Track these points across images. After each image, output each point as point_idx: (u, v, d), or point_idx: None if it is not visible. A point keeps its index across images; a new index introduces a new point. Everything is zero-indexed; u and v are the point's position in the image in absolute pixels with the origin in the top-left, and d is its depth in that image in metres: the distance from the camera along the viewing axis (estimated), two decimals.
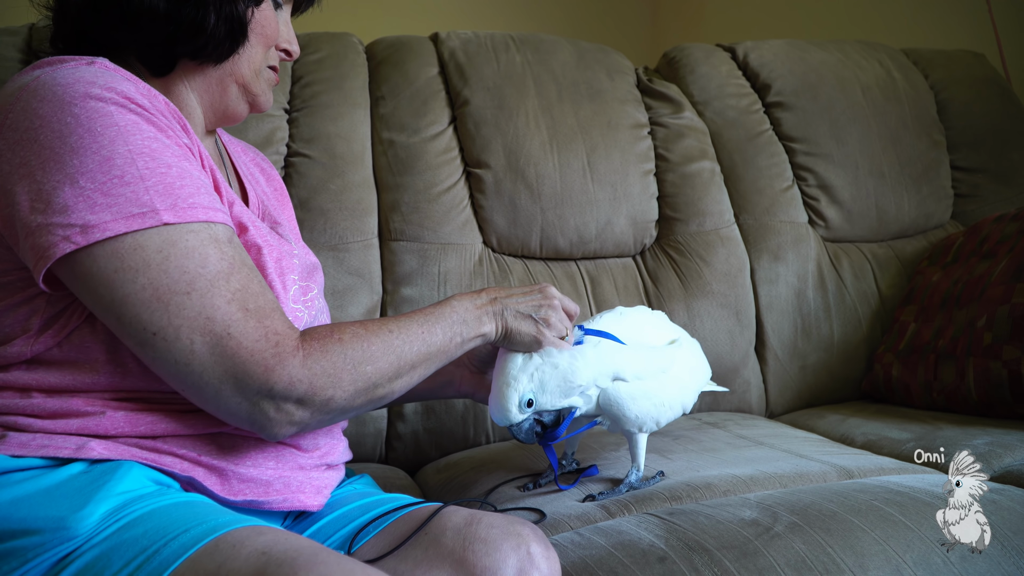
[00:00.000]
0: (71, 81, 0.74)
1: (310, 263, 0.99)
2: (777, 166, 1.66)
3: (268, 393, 0.73)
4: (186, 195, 0.74)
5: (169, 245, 0.72)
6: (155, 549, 0.66)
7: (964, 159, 1.80)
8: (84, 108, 0.73)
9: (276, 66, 0.95)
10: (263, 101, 0.94)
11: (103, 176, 0.71)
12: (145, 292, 0.71)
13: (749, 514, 0.90)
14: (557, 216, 1.50)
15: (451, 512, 0.81)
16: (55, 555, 0.67)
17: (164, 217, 0.72)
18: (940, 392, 1.38)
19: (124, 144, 0.72)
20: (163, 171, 0.74)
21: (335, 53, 1.54)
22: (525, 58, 1.59)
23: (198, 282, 0.72)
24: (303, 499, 0.83)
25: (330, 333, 0.77)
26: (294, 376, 0.73)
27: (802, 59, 1.77)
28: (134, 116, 0.75)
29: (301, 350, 0.74)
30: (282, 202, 1.11)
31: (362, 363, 0.77)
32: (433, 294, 1.39)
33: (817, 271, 1.60)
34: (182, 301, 0.71)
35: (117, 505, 0.70)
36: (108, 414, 0.75)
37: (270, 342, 0.73)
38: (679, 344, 1.08)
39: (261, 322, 0.74)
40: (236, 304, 0.73)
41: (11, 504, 0.69)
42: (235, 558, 0.65)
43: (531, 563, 0.76)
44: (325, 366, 0.75)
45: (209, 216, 0.75)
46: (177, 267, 0.72)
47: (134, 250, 0.71)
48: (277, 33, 0.92)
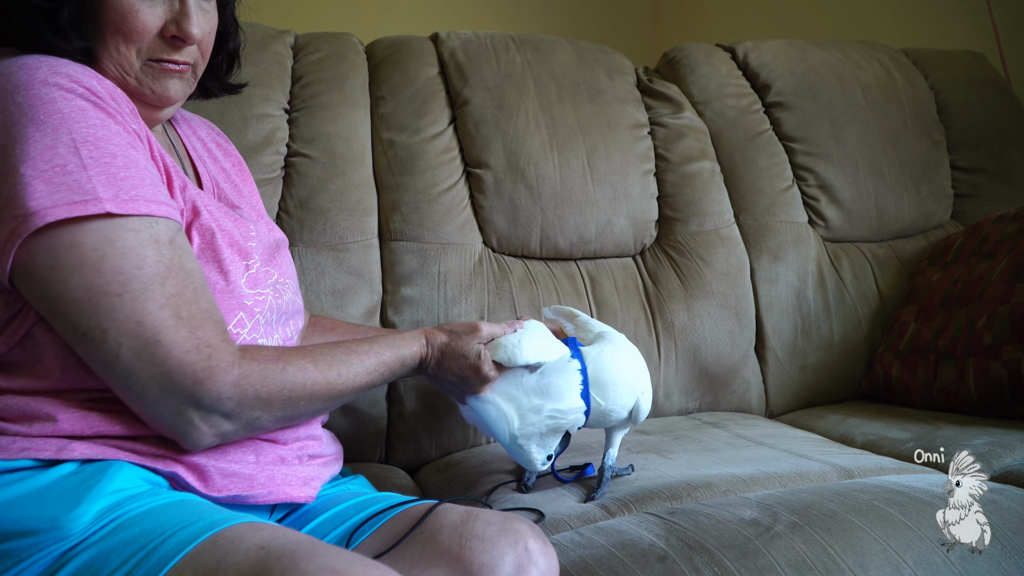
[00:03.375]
0: (13, 70, 0.73)
1: (273, 241, 0.96)
2: (777, 166, 1.66)
3: (194, 404, 0.72)
4: (129, 186, 0.72)
5: (107, 243, 0.70)
6: (153, 547, 0.66)
7: (964, 159, 1.80)
8: (28, 95, 0.71)
9: (173, 58, 0.83)
10: (153, 95, 0.84)
11: (44, 165, 0.69)
12: (77, 291, 0.70)
13: (749, 514, 0.90)
14: (557, 216, 1.50)
15: (447, 510, 0.81)
16: (50, 555, 0.67)
17: (107, 206, 0.70)
18: (940, 392, 1.38)
19: (67, 132, 0.71)
20: (107, 160, 0.72)
21: (335, 53, 1.54)
22: (525, 58, 1.59)
23: (131, 284, 0.70)
24: (289, 491, 0.83)
25: (275, 359, 0.77)
26: (223, 393, 0.73)
27: (802, 59, 1.77)
28: (81, 102, 0.73)
29: (237, 367, 0.74)
30: (242, 177, 1.06)
31: (298, 398, 0.78)
32: (433, 294, 1.39)
33: (817, 271, 1.60)
34: (112, 303, 0.70)
35: (110, 504, 0.70)
36: (83, 414, 0.75)
37: (202, 354, 0.72)
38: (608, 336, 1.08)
39: (193, 332, 0.72)
40: (169, 310, 0.71)
41: (3, 505, 0.69)
42: (234, 553, 0.65)
43: (529, 559, 0.76)
44: (259, 391, 0.75)
45: (152, 210, 0.73)
46: (112, 267, 0.70)
47: (71, 247, 0.70)
48: (143, 23, 0.80)
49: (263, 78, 1.44)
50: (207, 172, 0.96)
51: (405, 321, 1.38)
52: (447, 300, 1.39)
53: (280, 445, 0.85)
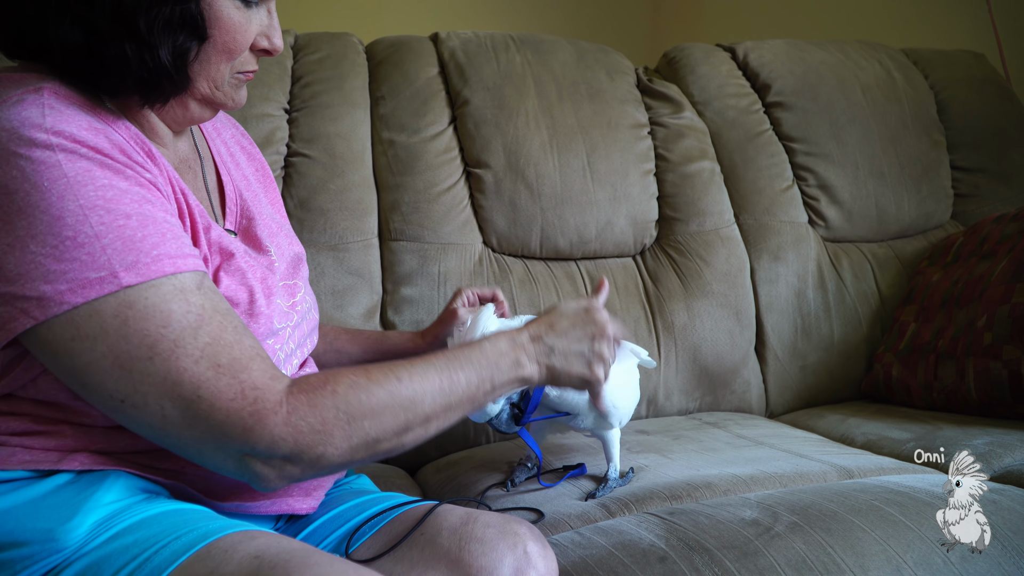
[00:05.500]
0: (15, 125, 0.67)
1: (293, 256, 0.93)
2: (777, 166, 1.66)
3: (251, 452, 0.68)
4: (148, 247, 0.68)
5: (126, 307, 0.66)
6: (146, 557, 0.65)
7: (964, 159, 1.80)
8: (29, 160, 0.66)
9: (254, 68, 0.82)
10: (233, 104, 0.82)
11: (54, 239, 0.65)
12: (106, 360, 0.66)
13: (749, 514, 0.90)
14: (557, 216, 1.50)
15: (447, 512, 0.81)
16: (43, 567, 0.66)
17: (124, 279, 0.66)
18: (940, 392, 1.38)
19: (74, 199, 0.66)
20: (120, 223, 0.67)
21: (335, 53, 1.54)
22: (525, 58, 1.59)
23: (160, 345, 0.66)
24: (291, 503, 0.82)
25: (323, 384, 0.70)
26: (276, 434, 0.67)
27: (802, 59, 1.77)
28: (85, 163, 0.68)
29: (285, 405, 0.68)
30: (265, 183, 1.01)
31: (359, 418, 0.70)
32: (433, 294, 1.39)
33: (817, 271, 1.60)
34: (145, 367, 0.66)
35: (106, 516, 0.69)
36: (86, 432, 0.73)
37: (247, 399, 0.67)
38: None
39: (236, 377, 0.67)
40: (206, 362, 0.67)
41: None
42: (228, 563, 0.65)
43: (528, 562, 0.75)
44: (312, 422, 0.68)
45: (177, 267, 0.69)
46: (136, 331, 0.66)
47: (90, 317, 0.66)
48: (247, 39, 0.78)
49: (263, 78, 1.44)
50: (230, 180, 0.91)
51: (405, 321, 1.38)
52: (447, 300, 1.39)
53: None
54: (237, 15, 0.76)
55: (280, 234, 0.93)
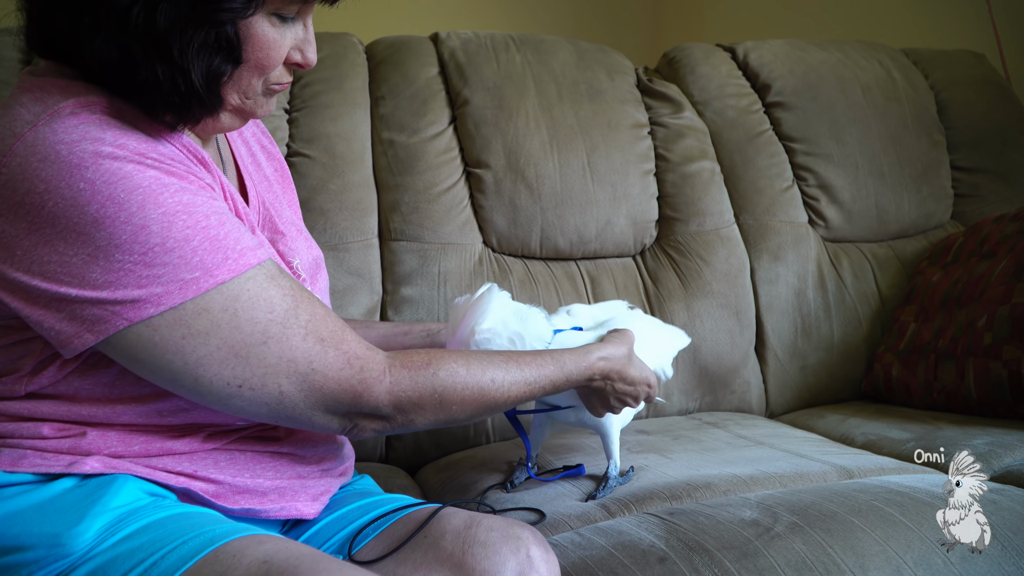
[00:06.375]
0: (76, 138, 0.67)
1: (312, 259, 0.95)
2: (777, 166, 1.66)
3: (357, 413, 0.76)
4: (232, 243, 0.71)
5: (232, 300, 0.70)
6: (153, 561, 0.65)
7: (964, 159, 1.79)
8: (98, 171, 0.66)
9: (286, 82, 0.81)
10: (263, 114, 0.83)
11: (141, 247, 0.67)
12: (221, 351, 0.70)
13: (749, 514, 0.90)
14: (557, 216, 1.50)
15: (450, 515, 0.81)
16: (50, 572, 0.66)
17: (219, 276, 0.70)
18: (940, 392, 1.38)
19: (155, 207, 0.68)
20: (203, 225, 0.70)
21: (335, 53, 1.54)
22: (525, 58, 1.59)
23: (271, 329, 0.72)
24: (299, 507, 0.82)
25: (426, 364, 0.78)
26: (380, 401, 0.76)
27: (802, 59, 1.77)
28: (154, 172, 0.69)
29: (388, 375, 0.76)
30: (283, 184, 1.02)
31: (449, 403, 0.79)
32: (433, 294, 1.39)
33: (817, 271, 1.60)
34: (261, 352, 0.71)
35: (113, 520, 0.69)
36: (101, 434, 0.74)
37: (354, 368, 0.74)
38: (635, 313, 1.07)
39: (338, 348, 0.74)
40: (312, 338, 0.73)
41: (4, 520, 0.68)
42: (236, 568, 0.65)
43: (531, 566, 0.75)
44: (411, 396, 0.77)
45: (259, 257, 0.73)
46: (247, 320, 0.71)
47: (198, 314, 0.69)
48: (280, 55, 0.77)
49: None
50: (253, 185, 0.92)
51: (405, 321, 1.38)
52: (447, 300, 1.39)
53: (301, 463, 0.84)
54: (272, 32, 0.75)
55: (300, 239, 0.95)
